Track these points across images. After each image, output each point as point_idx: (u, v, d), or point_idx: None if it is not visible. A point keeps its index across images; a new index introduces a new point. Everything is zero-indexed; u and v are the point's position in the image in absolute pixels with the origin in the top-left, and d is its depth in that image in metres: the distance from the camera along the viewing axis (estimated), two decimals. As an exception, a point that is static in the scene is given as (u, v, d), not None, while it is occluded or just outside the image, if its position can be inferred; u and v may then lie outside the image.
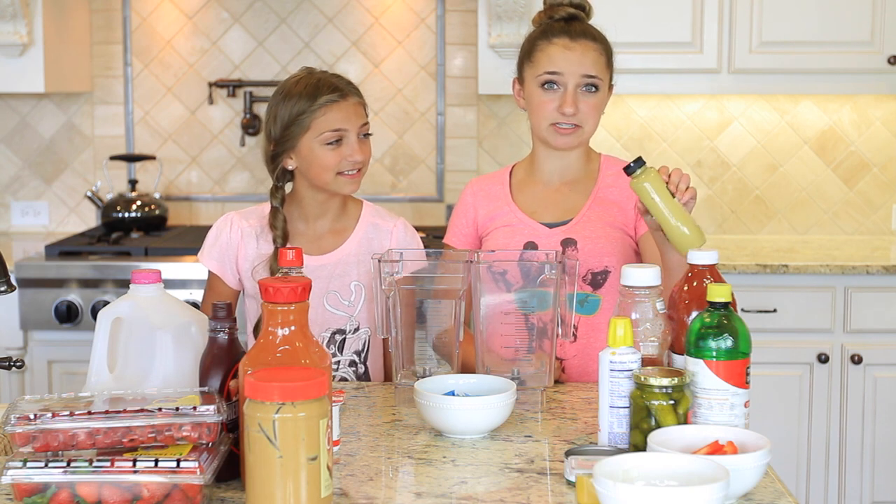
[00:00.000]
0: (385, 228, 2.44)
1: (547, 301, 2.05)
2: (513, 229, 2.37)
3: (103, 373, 1.79)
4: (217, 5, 4.28)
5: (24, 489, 1.50)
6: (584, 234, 2.33)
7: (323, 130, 2.30)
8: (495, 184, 2.45)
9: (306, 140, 2.31)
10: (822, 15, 3.85)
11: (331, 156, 2.31)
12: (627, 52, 3.89)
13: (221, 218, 2.46)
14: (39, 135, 4.33)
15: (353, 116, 2.33)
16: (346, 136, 2.32)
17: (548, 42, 2.33)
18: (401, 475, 1.73)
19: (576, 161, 2.40)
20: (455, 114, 4.30)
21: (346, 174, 2.34)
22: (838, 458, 3.69)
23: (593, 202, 2.36)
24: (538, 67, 2.33)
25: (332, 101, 2.30)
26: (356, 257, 2.40)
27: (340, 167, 2.32)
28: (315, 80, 2.34)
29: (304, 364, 1.57)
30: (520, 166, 2.47)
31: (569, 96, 2.30)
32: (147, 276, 1.81)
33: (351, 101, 2.33)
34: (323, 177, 2.33)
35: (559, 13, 2.37)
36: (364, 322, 2.40)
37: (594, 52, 2.33)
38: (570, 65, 2.30)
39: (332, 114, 2.30)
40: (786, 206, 4.27)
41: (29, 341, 3.70)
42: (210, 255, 2.41)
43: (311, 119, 2.30)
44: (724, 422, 1.69)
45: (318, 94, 2.30)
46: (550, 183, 2.40)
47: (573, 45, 2.32)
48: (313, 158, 2.32)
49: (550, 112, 2.31)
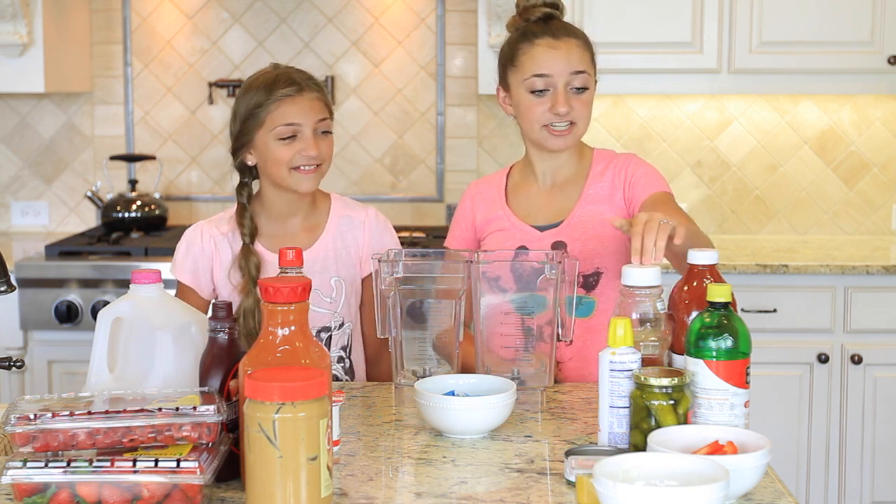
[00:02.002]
0: (357, 219, 2.43)
1: (544, 304, 2.05)
2: (506, 234, 2.36)
3: (103, 373, 1.79)
4: (217, 5, 4.28)
5: (24, 489, 1.50)
6: (574, 237, 2.31)
7: (277, 125, 2.28)
8: (492, 187, 2.44)
9: (261, 135, 2.30)
10: (822, 15, 3.85)
11: (284, 151, 2.29)
12: (627, 52, 3.91)
13: (190, 228, 2.43)
14: (39, 135, 4.33)
15: (309, 111, 2.30)
16: (301, 130, 2.29)
17: (530, 44, 2.29)
18: (401, 475, 1.73)
19: (567, 161, 2.37)
20: (455, 114, 4.30)
21: (302, 170, 2.30)
22: (838, 458, 3.69)
23: (583, 202, 2.33)
24: (524, 71, 2.29)
25: (286, 95, 2.28)
26: (333, 252, 2.39)
27: (294, 162, 2.29)
28: (274, 74, 2.32)
29: (304, 364, 1.57)
30: (517, 167, 2.46)
31: (560, 96, 2.27)
32: (147, 276, 1.80)
33: (307, 96, 2.30)
34: (278, 172, 2.31)
35: (535, 14, 2.33)
36: (347, 317, 2.40)
37: (579, 49, 2.30)
38: (558, 64, 2.27)
39: (287, 108, 2.28)
40: (786, 206, 4.27)
41: (29, 341, 3.70)
42: (183, 268, 2.39)
43: (265, 113, 2.28)
44: (724, 422, 1.69)
45: (274, 88, 2.29)
46: (544, 184, 2.38)
47: (557, 43, 2.28)
48: (268, 153, 2.30)
49: (542, 114, 2.28)
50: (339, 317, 2.39)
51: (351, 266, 2.41)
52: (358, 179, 4.32)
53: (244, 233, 2.34)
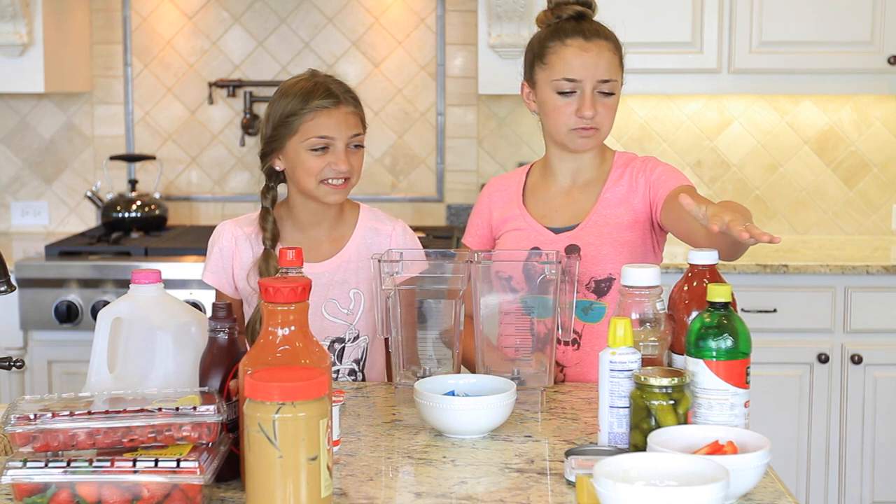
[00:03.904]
0: (384, 232, 2.39)
1: (548, 307, 2.05)
2: (521, 234, 2.34)
3: (103, 373, 1.79)
4: (217, 5, 4.28)
5: (24, 489, 1.50)
6: (588, 241, 2.29)
7: (310, 136, 2.26)
8: (511, 185, 2.42)
9: (293, 143, 2.27)
10: (822, 15, 3.85)
11: (315, 162, 2.26)
12: (627, 52, 3.89)
13: (217, 228, 2.42)
14: (39, 135, 4.33)
15: (344, 126, 2.27)
16: (334, 144, 2.27)
17: (562, 44, 2.27)
18: (401, 475, 1.73)
19: (589, 162, 2.35)
20: (455, 114, 4.30)
21: (330, 183, 2.27)
22: (838, 458, 3.69)
23: (600, 205, 2.31)
24: (553, 71, 2.27)
25: (322, 106, 2.26)
26: (355, 264, 2.36)
27: (323, 175, 2.26)
28: (312, 83, 2.29)
29: (304, 364, 1.57)
30: (536, 167, 2.43)
31: (587, 100, 2.25)
32: (147, 276, 1.80)
33: (343, 110, 2.28)
34: (306, 182, 2.28)
35: (567, 12, 2.30)
36: (363, 330, 2.36)
37: (609, 53, 2.28)
38: (587, 69, 2.25)
39: (322, 119, 2.26)
40: (786, 206, 4.27)
41: (29, 341, 3.70)
42: (208, 270, 2.38)
43: (299, 122, 2.26)
44: (724, 422, 1.69)
45: (310, 98, 2.26)
46: (563, 185, 2.36)
47: (588, 45, 2.26)
48: (298, 162, 2.27)
49: (569, 117, 2.26)
50: (355, 329, 2.35)
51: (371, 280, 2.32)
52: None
53: (266, 237, 2.31)
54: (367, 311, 2.35)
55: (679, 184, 2.24)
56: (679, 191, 2.20)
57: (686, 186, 2.23)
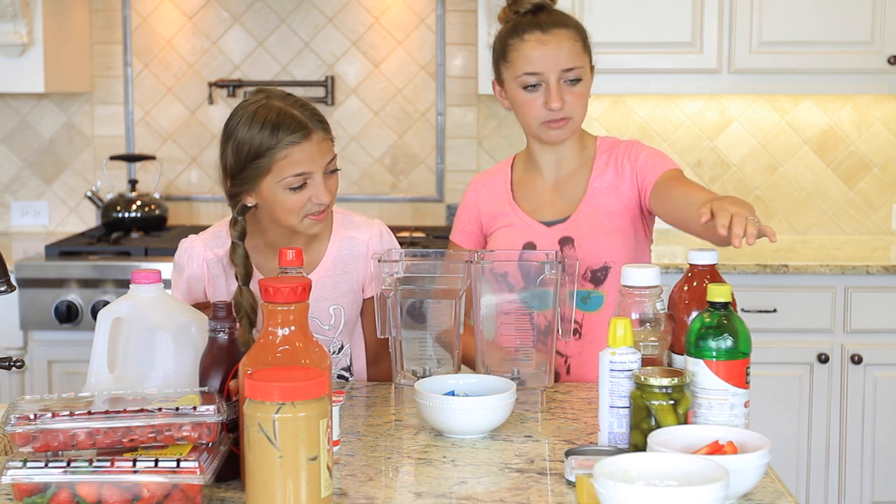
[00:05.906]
0: (360, 241, 2.29)
1: (547, 300, 2.05)
2: (513, 230, 2.35)
3: (103, 373, 1.79)
4: (217, 5, 4.28)
5: (24, 489, 1.50)
6: (582, 232, 2.30)
7: (285, 175, 2.10)
8: (497, 181, 2.42)
9: (267, 183, 2.11)
10: (822, 15, 3.85)
11: (295, 200, 2.12)
12: (627, 52, 3.91)
13: (183, 245, 2.30)
14: (39, 135, 4.33)
15: (319, 156, 2.12)
16: (312, 177, 2.12)
17: (520, 40, 2.27)
18: (401, 475, 1.73)
19: (570, 152, 2.36)
20: (455, 114, 4.30)
21: (312, 216, 2.15)
22: (838, 458, 3.69)
23: (589, 196, 2.32)
24: (516, 68, 2.27)
25: (294, 142, 2.09)
26: (332, 279, 2.27)
27: (306, 210, 2.14)
28: (275, 114, 2.11)
29: (304, 364, 1.57)
30: (519, 159, 2.44)
31: (553, 92, 2.24)
32: (147, 276, 1.80)
33: (315, 139, 2.12)
34: (287, 219, 2.15)
35: (524, 6, 2.29)
36: (347, 339, 2.32)
37: (569, 41, 2.26)
38: (548, 61, 2.24)
39: (296, 156, 2.09)
40: (786, 206, 4.27)
41: (29, 341, 3.70)
42: (177, 288, 2.28)
43: (270, 161, 2.09)
44: (724, 422, 1.69)
45: (278, 132, 2.09)
46: (548, 177, 2.37)
47: (546, 37, 2.25)
48: (276, 202, 2.13)
49: (538, 110, 2.27)
50: (339, 341, 2.31)
51: (351, 292, 2.30)
52: (358, 179, 4.32)
53: (238, 273, 2.16)
54: (349, 322, 2.31)
55: (665, 168, 2.26)
56: (666, 176, 2.22)
57: (672, 170, 2.25)
